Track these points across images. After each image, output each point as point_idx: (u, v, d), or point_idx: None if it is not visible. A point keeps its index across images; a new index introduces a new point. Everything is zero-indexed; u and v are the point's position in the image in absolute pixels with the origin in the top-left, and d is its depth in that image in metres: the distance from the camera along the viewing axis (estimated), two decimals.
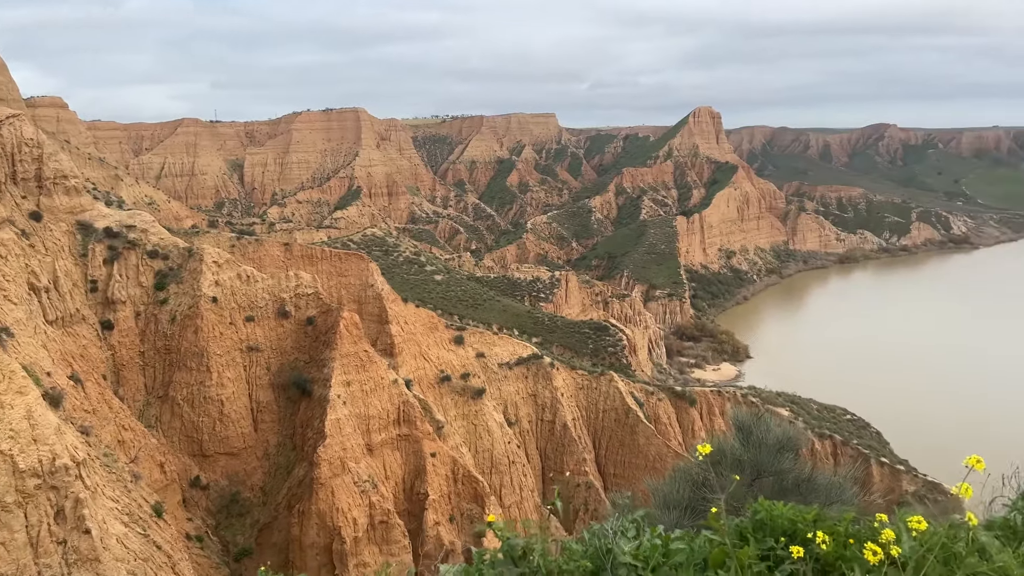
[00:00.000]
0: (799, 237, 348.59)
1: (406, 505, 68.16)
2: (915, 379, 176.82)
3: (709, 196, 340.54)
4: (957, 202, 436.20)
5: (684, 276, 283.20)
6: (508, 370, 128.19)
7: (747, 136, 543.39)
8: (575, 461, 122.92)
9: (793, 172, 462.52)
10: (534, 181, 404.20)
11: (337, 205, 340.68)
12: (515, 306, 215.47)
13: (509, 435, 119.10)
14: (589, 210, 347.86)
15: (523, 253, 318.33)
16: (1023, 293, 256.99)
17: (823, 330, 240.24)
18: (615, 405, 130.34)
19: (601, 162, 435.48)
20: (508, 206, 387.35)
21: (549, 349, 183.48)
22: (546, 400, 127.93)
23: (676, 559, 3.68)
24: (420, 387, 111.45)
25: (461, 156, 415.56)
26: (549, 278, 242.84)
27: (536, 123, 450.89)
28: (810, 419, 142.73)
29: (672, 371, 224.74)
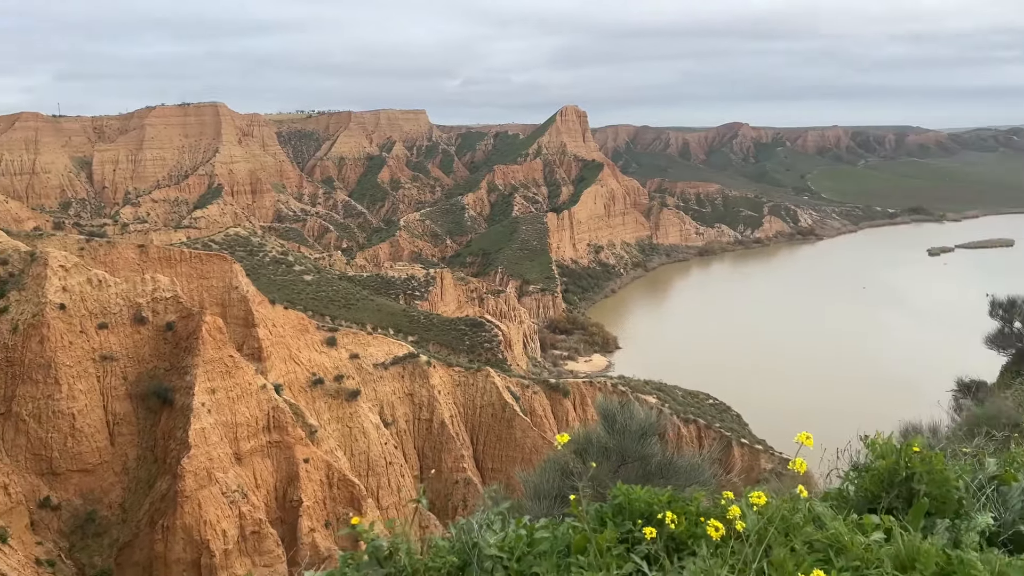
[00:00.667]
0: (662, 232, 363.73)
1: (279, 513, 65.98)
2: (769, 363, 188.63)
3: (577, 193, 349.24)
4: (803, 197, 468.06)
5: (556, 271, 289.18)
6: (384, 370, 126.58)
7: (611, 134, 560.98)
8: (453, 458, 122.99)
9: (655, 169, 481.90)
10: (406, 178, 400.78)
11: (197, 204, 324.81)
12: (390, 305, 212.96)
13: (386, 436, 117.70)
14: (462, 207, 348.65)
15: (396, 251, 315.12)
16: (861, 280, 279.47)
17: (687, 320, 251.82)
18: (492, 400, 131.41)
19: (472, 159, 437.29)
20: (380, 203, 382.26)
21: (425, 347, 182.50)
22: (423, 399, 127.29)
23: (540, 548, 3.75)
24: (291, 391, 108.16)
25: (329, 152, 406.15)
26: (424, 276, 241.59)
27: (406, 119, 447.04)
28: (676, 405, 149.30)
29: (546, 364, 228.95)
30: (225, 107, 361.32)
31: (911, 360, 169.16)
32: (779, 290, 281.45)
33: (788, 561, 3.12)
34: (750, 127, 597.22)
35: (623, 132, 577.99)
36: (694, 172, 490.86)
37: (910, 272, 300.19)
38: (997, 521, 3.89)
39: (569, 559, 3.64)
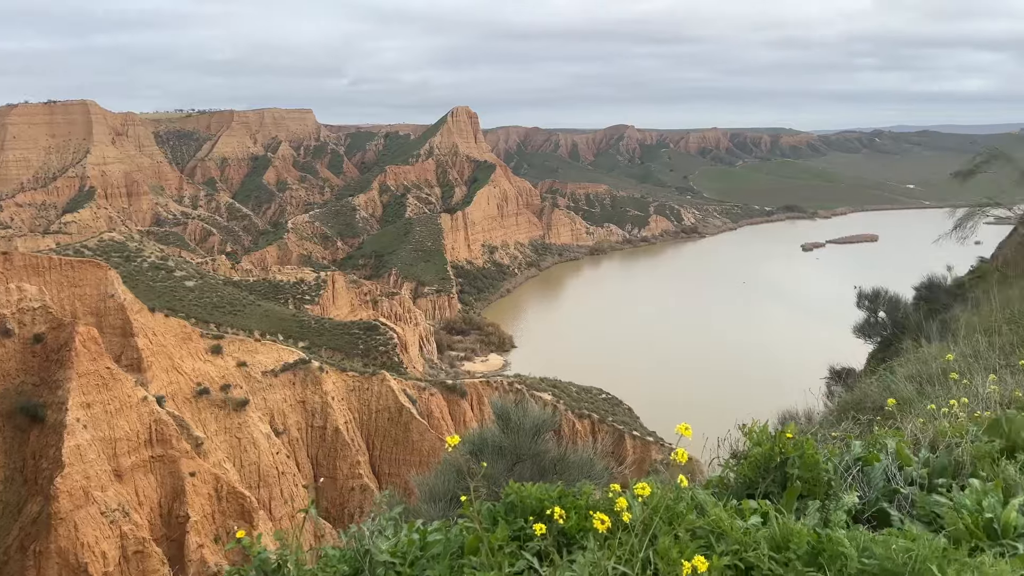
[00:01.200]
0: (554, 232, 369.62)
1: (165, 531, 62.89)
2: (658, 356, 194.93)
3: (471, 194, 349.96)
4: (687, 196, 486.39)
5: (451, 272, 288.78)
6: (273, 378, 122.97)
7: (503, 136, 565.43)
8: (349, 465, 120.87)
9: (546, 170, 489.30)
10: (293, 179, 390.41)
11: (67, 208, 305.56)
12: (279, 310, 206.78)
13: (277, 445, 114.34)
14: (353, 208, 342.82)
15: (285, 254, 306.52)
16: (742, 275, 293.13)
17: (580, 317, 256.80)
18: (388, 404, 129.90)
19: (363, 160, 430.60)
20: (266, 205, 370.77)
21: (318, 353, 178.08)
22: (316, 405, 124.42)
23: (433, 551, 3.73)
24: (175, 403, 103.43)
25: (211, 153, 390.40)
26: (314, 279, 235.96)
27: (292, 119, 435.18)
28: (570, 401, 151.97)
29: (443, 365, 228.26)
30: (96, 105, 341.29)
31: (789, 350, 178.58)
32: (666, 286, 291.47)
33: (672, 549, 3.23)
34: (635, 129, 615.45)
35: (514, 133, 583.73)
36: (583, 173, 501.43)
37: (786, 266, 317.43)
38: (862, 499, 4.16)
39: (462, 560, 3.64)
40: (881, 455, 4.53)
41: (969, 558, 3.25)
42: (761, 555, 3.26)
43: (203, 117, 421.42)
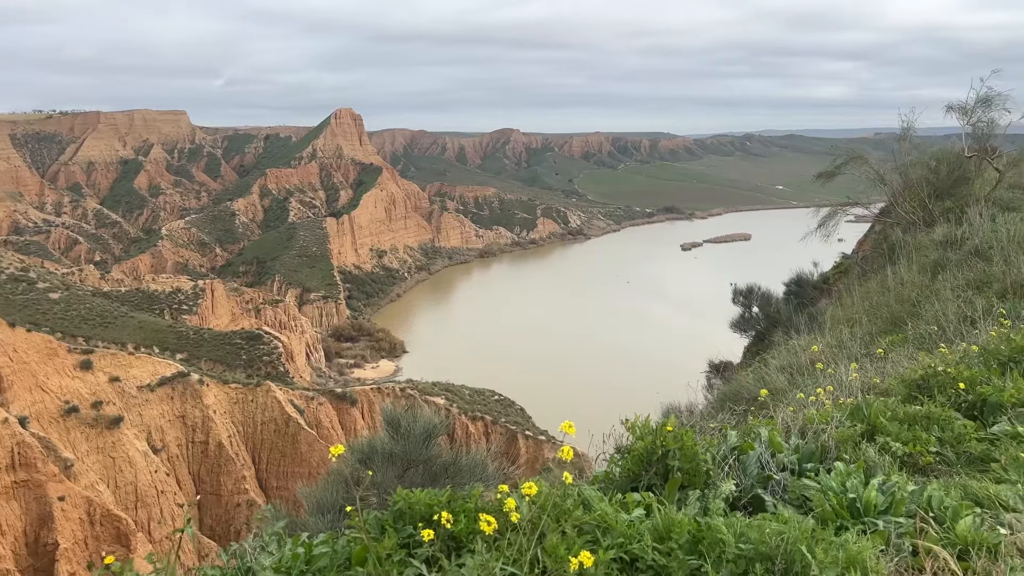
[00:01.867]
0: (443, 235, 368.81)
1: (31, 560, 58.46)
2: (549, 356, 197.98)
3: (357, 197, 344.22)
4: (572, 199, 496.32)
5: (338, 277, 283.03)
6: (150, 392, 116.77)
7: (389, 138, 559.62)
8: (233, 480, 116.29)
9: (433, 174, 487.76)
10: (167, 183, 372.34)
11: None
12: (154, 321, 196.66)
13: (156, 463, 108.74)
14: (232, 213, 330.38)
15: (160, 263, 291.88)
16: (625, 274, 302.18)
17: (471, 320, 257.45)
18: (274, 416, 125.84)
19: (242, 163, 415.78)
20: (138, 211, 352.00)
21: (197, 365, 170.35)
22: (197, 420, 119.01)
23: (319, 564, 3.62)
24: (40, 423, 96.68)
25: (76, 156, 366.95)
26: (192, 288, 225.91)
27: (165, 121, 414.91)
28: (463, 404, 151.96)
29: (332, 373, 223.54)
30: None
31: (673, 346, 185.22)
32: (555, 287, 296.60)
33: (560, 546, 3.28)
34: (521, 133, 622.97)
35: (400, 136, 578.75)
36: (471, 176, 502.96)
37: (667, 266, 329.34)
38: (739, 487, 4.36)
39: (349, 572, 3.56)
40: (755, 444, 4.76)
41: (835, 537, 3.46)
42: (645, 546, 3.36)
43: (66, 118, 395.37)
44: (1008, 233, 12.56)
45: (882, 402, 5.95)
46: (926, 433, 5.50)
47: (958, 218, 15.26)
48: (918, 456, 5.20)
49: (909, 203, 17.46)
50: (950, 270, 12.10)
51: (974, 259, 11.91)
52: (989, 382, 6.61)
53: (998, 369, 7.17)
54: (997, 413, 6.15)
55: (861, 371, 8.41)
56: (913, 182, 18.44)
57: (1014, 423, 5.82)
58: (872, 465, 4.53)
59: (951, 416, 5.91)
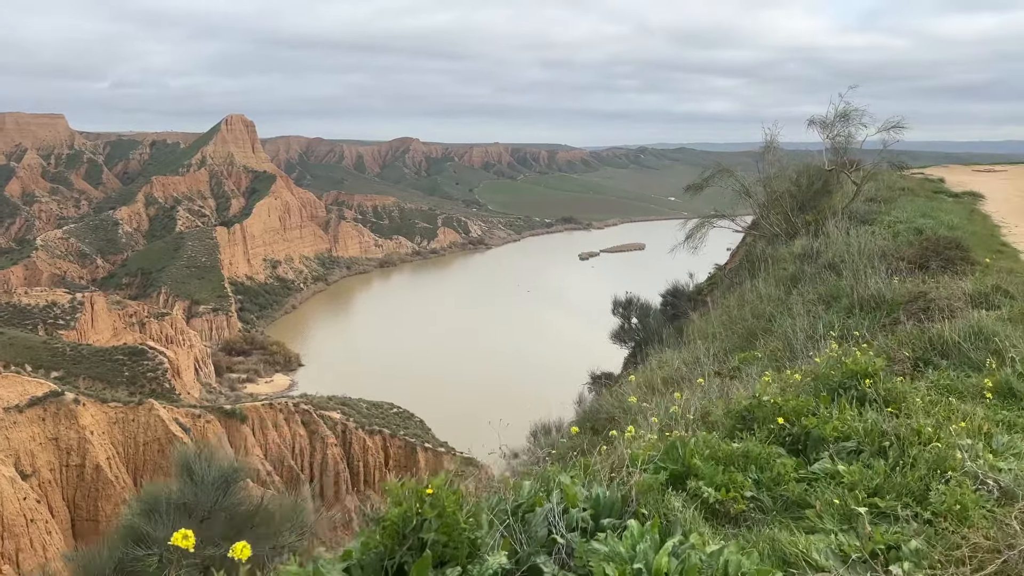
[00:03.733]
0: (341, 244, 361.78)
1: None
2: (448, 367, 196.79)
3: (250, 206, 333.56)
4: (473, 209, 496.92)
5: (229, 289, 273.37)
6: (18, 414, 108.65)
7: (283, 146, 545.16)
8: (113, 504, 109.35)
9: (331, 182, 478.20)
10: (42, 191, 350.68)
11: None
12: (26, 337, 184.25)
13: (24, 490, 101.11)
14: (115, 222, 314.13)
15: (34, 275, 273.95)
16: (525, 283, 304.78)
17: (370, 331, 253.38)
18: (157, 435, 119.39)
19: (126, 170, 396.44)
20: (9, 220, 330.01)
21: (74, 383, 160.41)
22: (72, 442, 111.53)
23: None
24: None
25: None
26: (69, 302, 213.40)
27: (40, 124, 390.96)
28: (360, 417, 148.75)
29: (223, 389, 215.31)
30: None
31: (566, 356, 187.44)
32: (456, 297, 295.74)
33: None
34: (421, 142, 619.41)
35: (295, 144, 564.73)
36: (370, 185, 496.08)
37: (565, 275, 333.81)
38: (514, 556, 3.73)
39: None
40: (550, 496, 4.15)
41: None
42: None
43: None
44: (859, 246, 12.76)
45: (701, 438, 5.50)
46: (743, 474, 5.07)
47: (816, 231, 15.54)
48: (730, 503, 4.76)
49: (773, 216, 17.76)
50: (804, 283, 12.15)
51: (827, 272, 12.01)
52: (816, 412, 6.28)
53: (828, 396, 6.98)
54: (820, 448, 5.80)
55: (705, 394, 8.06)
56: (776, 195, 18.76)
57: (835, 460, 5.48)
58: (672, 520, 4.00)
59: (772, 453, 5.52)
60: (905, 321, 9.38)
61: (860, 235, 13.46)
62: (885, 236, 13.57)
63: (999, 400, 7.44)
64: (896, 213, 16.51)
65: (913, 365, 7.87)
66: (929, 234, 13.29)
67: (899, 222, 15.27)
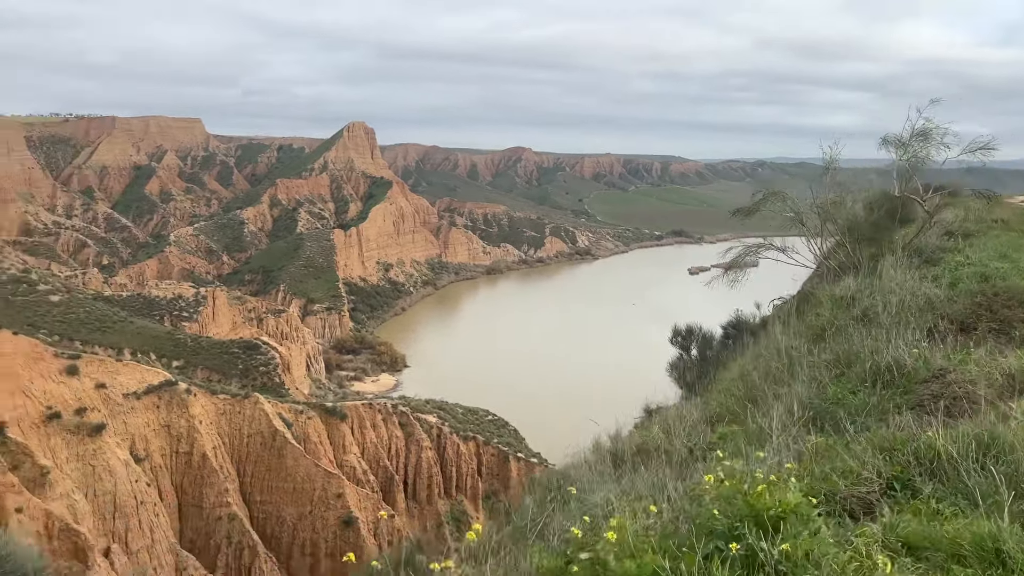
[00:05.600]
0: (451, 250, 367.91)
1: None
2: (546, 377, 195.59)
3: (366, 210, 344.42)
4: (581, 219, 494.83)
5: (343, 289, 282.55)
6: (136, 400, 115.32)
7: (401, 153, 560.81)
8: (216, 492, 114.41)
9: (444, 189, 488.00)
10: (178, 190, 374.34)
11: None
12: (152, 327, 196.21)
13: (137, 473, 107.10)
14: (241, 222, 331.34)
15: (166, 268, 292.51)
16: (632, 297, 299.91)
17: (473, 337, 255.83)
18: (261, 428, 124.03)
19: (254, 172, 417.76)
20: (148, 217, 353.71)
21: (193, 373, 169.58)
22: (182, 430, 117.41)
23: None
24: (20, 428, 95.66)
25: (89, 160, 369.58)
26: (194, 295, 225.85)
27: (180, 128, 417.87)
28: (455, 423, 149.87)
29: (332, 385, 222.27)
30: None
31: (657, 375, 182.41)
32: (559, 306, 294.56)
33: None
34: (533, 152, 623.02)
35: (413, 151, 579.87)
36: (481, 193, 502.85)
37: (673, 289, 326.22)
38: None
39: None
40: None
41: None
42: None
43: (81, 122, 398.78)
44: (899, 295, 10.64)
45: None
46: None
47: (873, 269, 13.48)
48: None
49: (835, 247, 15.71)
50: (830, 337, 10.30)
51: (858, 326, 10.11)
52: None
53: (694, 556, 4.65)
54: None
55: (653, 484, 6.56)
56: (839, 223, 16.68)
57: None
58: None
59: None
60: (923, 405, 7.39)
61: (908, 279, 11.31)
62: (943, 282, 11.31)
63: (978, 568, 4.72)
64: (968, 252, 13.89)
65: (885, 487, 5.72)
66: (996, 283, 10.88)
67: (966, 264, 12.73)
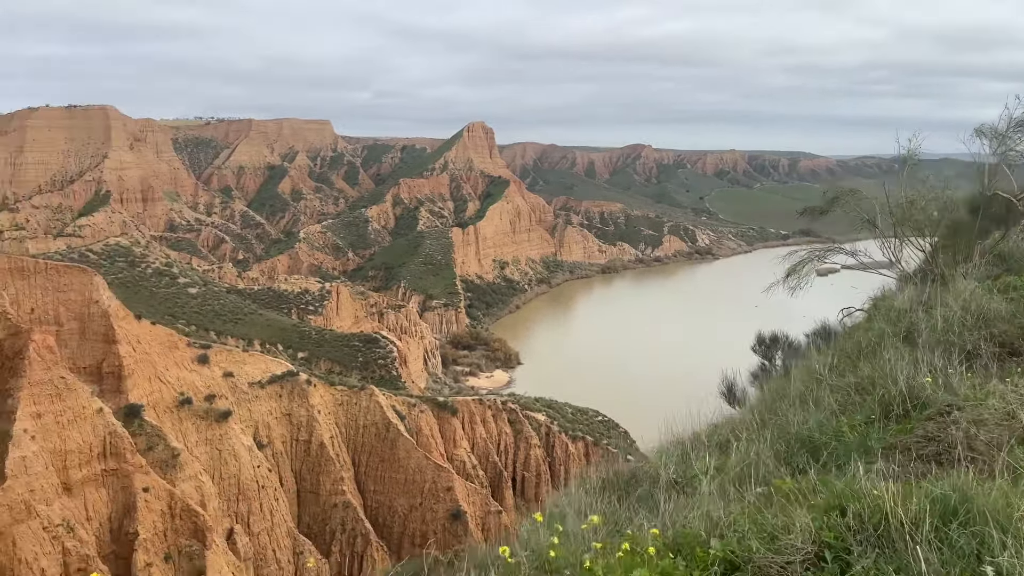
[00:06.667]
0: (566, 248, 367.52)
1: (113, 547, 61.37)
2: (659, 379, 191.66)
3: (484, 209, 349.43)
4: (702, 217, 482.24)
5: (460, 286, 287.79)
6: (260, 389, 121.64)
7: (519, 152, 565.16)
8: (332, 480, 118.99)
9: (561, 187, 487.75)
10: (308, 189, 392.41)
11: (82, 211, 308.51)
12: (280, 320, 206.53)
13: (259, 458, 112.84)
14: (366, 220, 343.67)
15: (295, 263, 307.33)
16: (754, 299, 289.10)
17: (587, 336, 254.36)
18: (375, 420, 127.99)
19: (379, 172, 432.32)
20: (280, 214, 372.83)
21: (316, 364, 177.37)
22: (302, 419, 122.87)
23: None
24: (155, 412, 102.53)
25: (228, 161, 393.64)
26: (319, 290, 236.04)
27: (310, 129, 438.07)
28: (564, 422, 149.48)
29: (447, 380, 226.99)
30: (115, 110, 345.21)
31: None
32: (676, 307, 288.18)
33: None
34: (652, 149, 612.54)
35: (531, 150, 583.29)
36: (599, 191, 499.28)
37: (799, 292, 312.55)
38: None
39: None
40: None
41: None
42: None
43: (221, 125, 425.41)
44: (945, 314, 9.10)
45: None
46: None
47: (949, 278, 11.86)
48: None
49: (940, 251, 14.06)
50: (863, 358, 8.95)
51: (903, 346, 8.75)
52: None
53: None
54: None
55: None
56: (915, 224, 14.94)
57: None
58: None
59: None
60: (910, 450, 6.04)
61: (973, 290, 9.68)
62: (1018, 295, 9.59)
63: None
64: None
65: (814, 556, 4.47)
66: None
67: None
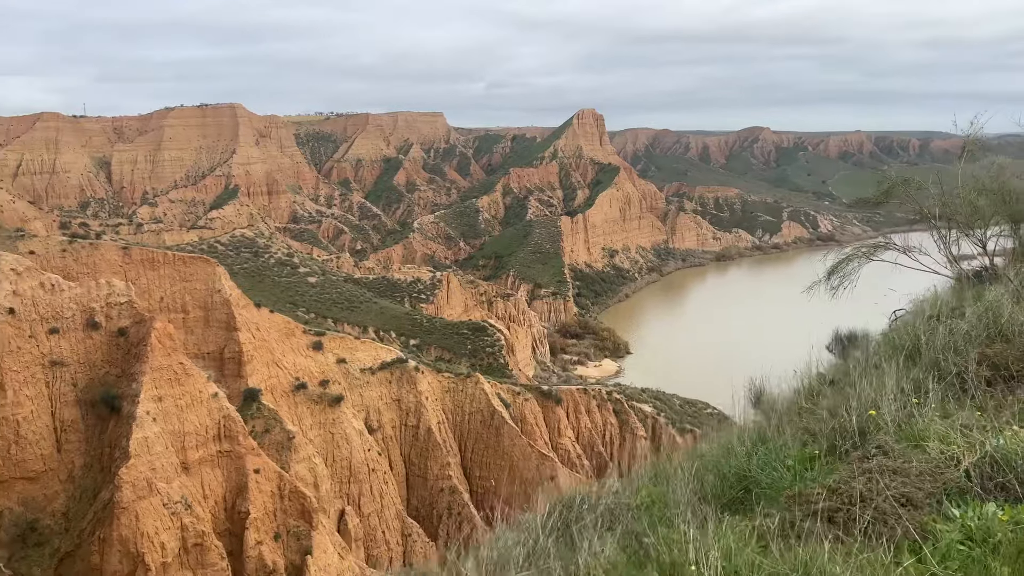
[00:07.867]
0: (678, 236, 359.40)
1: (227, 525, 64.65)
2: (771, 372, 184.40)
3: (593, 197, 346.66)
4: (824, 202, 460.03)
5: (568, 275, 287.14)
6: (371, 375, 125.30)
7: (631, 138, 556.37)
8: (439, 465, 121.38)
9: (674, 173, 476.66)
10: (422, 180, 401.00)
11: (213, 204, 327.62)
12: (393, 308, 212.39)
13: (370, 442, 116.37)
14: (476, 210, 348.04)
15: (409, 253, 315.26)
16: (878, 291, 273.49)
17: (699, 326, 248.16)
18: (481, 407, 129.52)
19: (490, 162, 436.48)
20: (395, 205, 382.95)
21: (427, 351, 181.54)
22: (410, 405, 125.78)
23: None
24: (273, 396, 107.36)
25: (346, 154, 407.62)
26: (430, 279, 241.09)
27: (424, 122, 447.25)
28: (672, 414, 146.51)
29: (555, 368, 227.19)
30: (243, 108, 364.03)
31: None
32: (793, 297, 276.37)
33: None
34: (771, 131, 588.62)
35: (643, 136, 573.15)
36: (714, 176, 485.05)
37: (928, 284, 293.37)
38: None
39: None
40: None
41: None
42: None
43: (340, 120, 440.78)
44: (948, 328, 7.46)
45: None
46: None
47: None
48: None
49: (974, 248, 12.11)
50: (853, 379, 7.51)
51: (910, 364, 7.34)
52: None
53: None
54: None
55: None
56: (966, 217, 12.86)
57: None
58: None
59: None
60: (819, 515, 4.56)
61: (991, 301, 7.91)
62: None
63: None
64: None
65: None
66: None
67: None
